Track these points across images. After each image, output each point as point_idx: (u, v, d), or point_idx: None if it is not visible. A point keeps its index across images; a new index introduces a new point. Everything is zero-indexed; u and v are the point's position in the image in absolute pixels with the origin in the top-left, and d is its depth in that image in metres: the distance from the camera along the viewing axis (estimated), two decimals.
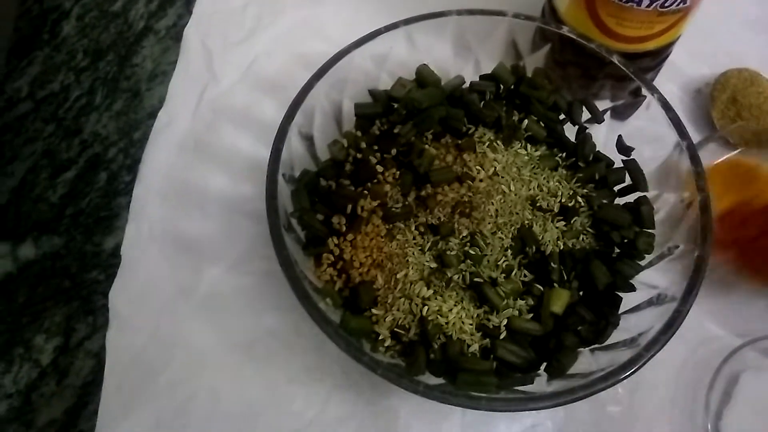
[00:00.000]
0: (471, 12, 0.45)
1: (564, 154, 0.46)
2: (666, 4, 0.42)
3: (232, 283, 0.46)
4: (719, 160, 0.49)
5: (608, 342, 0.39)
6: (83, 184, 0.51)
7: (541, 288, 0.40)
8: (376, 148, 0.45)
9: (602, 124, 0.47)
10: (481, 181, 0.43)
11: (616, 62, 0.43)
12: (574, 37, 0.44)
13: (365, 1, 0.60)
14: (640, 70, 0.44)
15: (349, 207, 0.42)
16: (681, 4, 0.43)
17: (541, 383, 0.38)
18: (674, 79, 0.57)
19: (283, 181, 0.40)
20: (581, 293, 0.41)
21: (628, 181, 0.44)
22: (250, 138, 0.51)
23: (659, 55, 0.50)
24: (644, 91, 0.43)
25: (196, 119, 0.53)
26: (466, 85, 0.47)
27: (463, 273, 0.40)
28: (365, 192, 0.43)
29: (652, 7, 0.42)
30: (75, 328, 0.45)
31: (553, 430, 0.42)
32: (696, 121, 0.56)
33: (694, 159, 0.39)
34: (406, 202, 0.43)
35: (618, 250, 0.42)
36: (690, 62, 0.58)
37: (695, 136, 0.52)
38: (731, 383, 0.42)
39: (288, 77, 0.44)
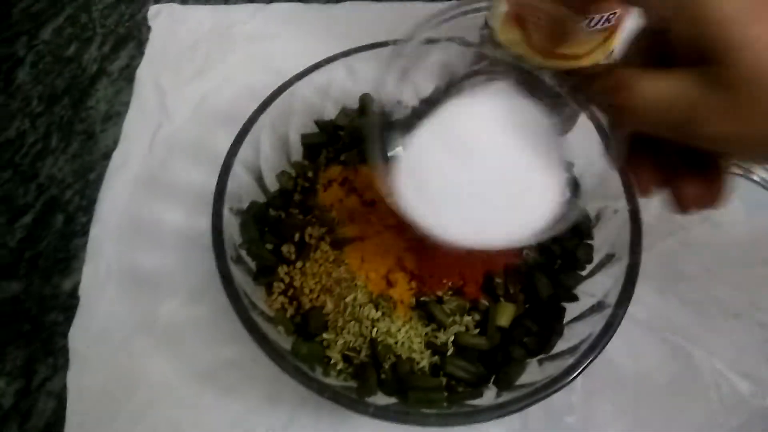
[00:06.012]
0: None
1: None
2: (591, 24, 0.44)
3: (190, 316, 0.46)
4: None
5: (554, 351, 0.40)
6: (41, 227, 0.51)
7: (487, 303, 0.41)
8: (323, 175, 0.46)
9: None
10: None
11: (546, 81, 0.45)
12: (507, 59, 0.45)
13: (314, 34, 0.61)
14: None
15: (297, 235, 0.43)
16: (606, 23, 0.44)
17: (490, 396, 0.39)
18: None
19: (230, 214, 0.41)
20: (527, 306, 0.42)
21: None
22: (204, 172, 0.52)
23: None
24: (576, 108, 0.44)
25: (151, 157, 0.54)
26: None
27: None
28: (313, 220, 0.44)
29: None
30: (36, 370, 0.45)
31: None
32: None
33: (623, 172, 0.41)
34: None
35: (560, 262, 0.43)
36: None
37: None
38: None
39: (238, 111, 0.45)
